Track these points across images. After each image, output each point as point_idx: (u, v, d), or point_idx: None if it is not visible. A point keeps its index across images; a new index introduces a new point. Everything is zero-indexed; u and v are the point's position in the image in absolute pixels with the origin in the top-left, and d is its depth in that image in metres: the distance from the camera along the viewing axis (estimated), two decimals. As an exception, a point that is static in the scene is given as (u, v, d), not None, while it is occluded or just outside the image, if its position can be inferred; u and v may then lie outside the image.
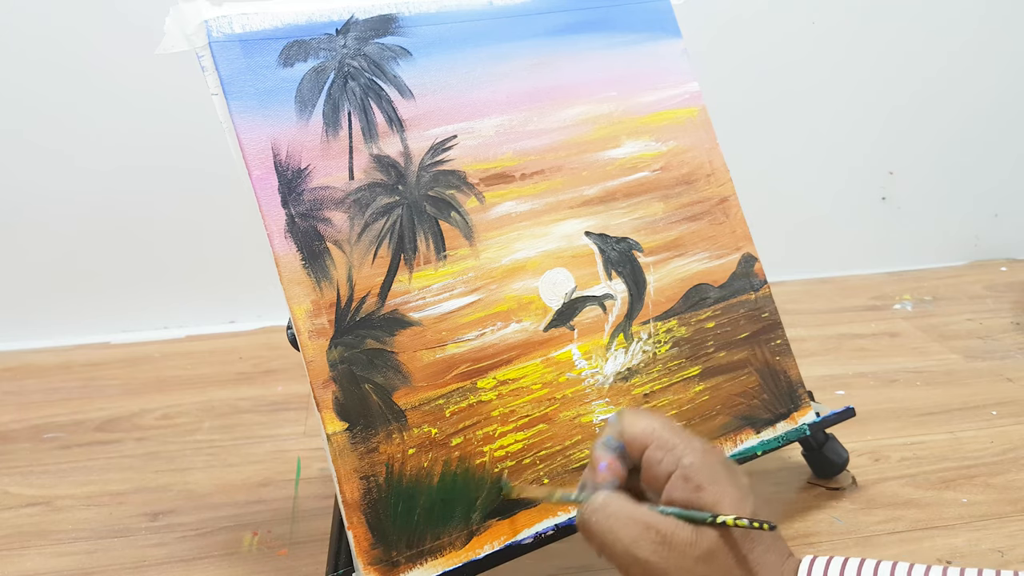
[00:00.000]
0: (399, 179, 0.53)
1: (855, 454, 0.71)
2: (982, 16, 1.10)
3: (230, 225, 0.99)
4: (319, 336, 0.48)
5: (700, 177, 0.64)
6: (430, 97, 0.55)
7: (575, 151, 0.59)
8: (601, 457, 0.45)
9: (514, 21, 0.59)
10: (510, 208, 0.56)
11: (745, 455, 0.59)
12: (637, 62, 0.63)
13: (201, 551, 0.62)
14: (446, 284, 0.53)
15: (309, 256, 0.49)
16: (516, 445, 0.53)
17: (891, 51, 1.10)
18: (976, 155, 1.16)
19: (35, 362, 0.96)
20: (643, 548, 0.41)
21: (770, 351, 0.63)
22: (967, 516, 0.63)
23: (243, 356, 0.96)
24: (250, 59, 0.50)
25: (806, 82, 1.10)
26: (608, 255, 0.59)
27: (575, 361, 0.56)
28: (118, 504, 0.68)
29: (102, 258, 1.00)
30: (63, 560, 0.62)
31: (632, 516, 0.41)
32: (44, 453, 0.77)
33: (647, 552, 0.40)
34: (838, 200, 1.15)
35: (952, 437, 0.74)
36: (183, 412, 0.83)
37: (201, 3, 0.49)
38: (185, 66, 0.56)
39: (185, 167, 0.98)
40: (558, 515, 0.53)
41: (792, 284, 1.11)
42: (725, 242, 0.63)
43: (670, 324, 0.60)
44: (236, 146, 0.49)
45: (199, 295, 1.03)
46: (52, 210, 0.98)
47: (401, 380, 0.50)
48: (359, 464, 0.48)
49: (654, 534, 0.41)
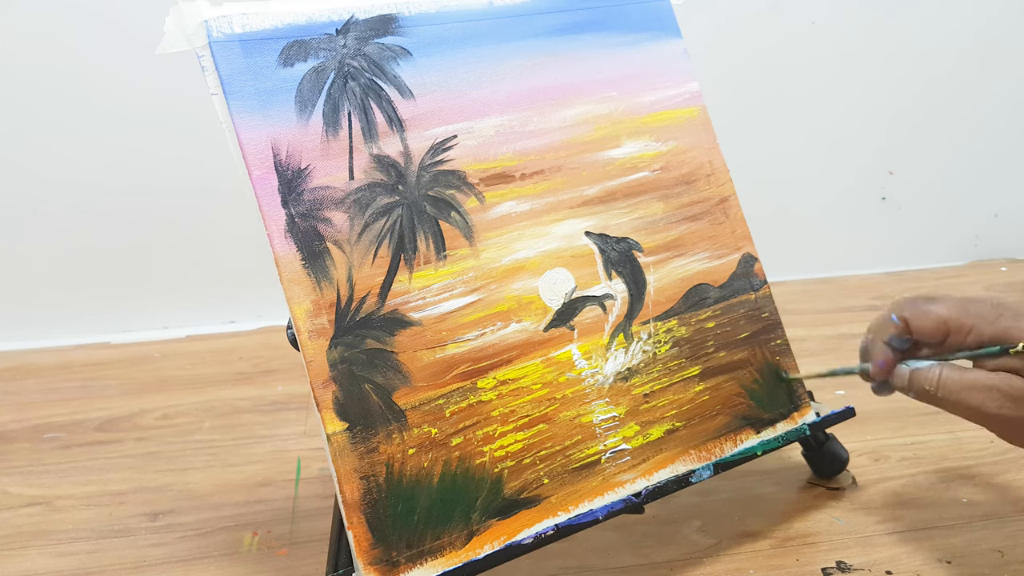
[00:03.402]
0: (399, 179, 0.53)
1: (855, 454, 0.71)
2: (984, 17, 1.10)
3: (230, 225, 0.99)
4: (319, 336, 0.48)
5: (700, 177, 0.64)
6: (430, 97, 0.55)
7: (575, 151, 0.59)
8: (880, 355, 0.52)
9: (514, 21, 0.59)
10: (510, 208, 0.56)
11: (745, 455, 0.59)
12: (637, 62, 0.63)
13: (201, 551, 0.62)
14: (446, 284, 0.53)
15: (309, 256, 0.49)
16: (516, 445, 0.53)
17: (892, 51, 1.10)
18: (976, 155, 1.16)
19: (35, 362, 0.96)
20: (991, 407, 0.47)
21: (770, 351, 0.63)
22: (967, 516, 0.63)
23: (243, 356, 0.96)
24: (250, 59, 0.50)
25: (806, 82, 1.10)
26: (608, 255, 0.59)
27: (575, 361, 0.56)
28: (118, 504, 0.68)
29: (102, 258, 1.00)
30: (63, 560, 0.62)
31: (972, 384, 0.47)
32: (44, 453, 0.77)
33: (995, 408, 0.47)
34: (838, 200, 1.15)
35: (952, 437, 0.74)
36: (183, 412, 0.83)
37: (201, 3, 0.49)
38: (183, 67, 0.56)
39: (184, 167, 0.98)
40: (558, 515, 0.53)
41: (792, 284, 1.11)
42: (725, 242, 0.63)
43: (670, 324, 0.60)
44: (236, 146, 0.49)
45: (199, 295, 1.03)
46: (52, 210, 0.98)
47: (401, 380, 0.50)
48: (359, 464, 0.48)
49: (996, 393, 0.47)
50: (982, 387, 0.47)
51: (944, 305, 0.50)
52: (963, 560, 0.58)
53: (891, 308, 0.52)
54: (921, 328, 0.50)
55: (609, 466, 0.55)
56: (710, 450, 0.59)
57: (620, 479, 0.55)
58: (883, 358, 0.52)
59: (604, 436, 0.56)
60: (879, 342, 0.52)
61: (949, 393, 0.48)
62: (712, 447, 0.59)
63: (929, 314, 0.50)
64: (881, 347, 0.52)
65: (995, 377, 0.47)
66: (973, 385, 0.48)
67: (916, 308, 0.51)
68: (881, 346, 0.52)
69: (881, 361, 0.52)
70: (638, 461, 0.56)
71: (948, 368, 0.49)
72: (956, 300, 0.50)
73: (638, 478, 0.56)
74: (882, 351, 0.52)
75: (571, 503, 0.53)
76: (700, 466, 0.58)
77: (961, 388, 0.48)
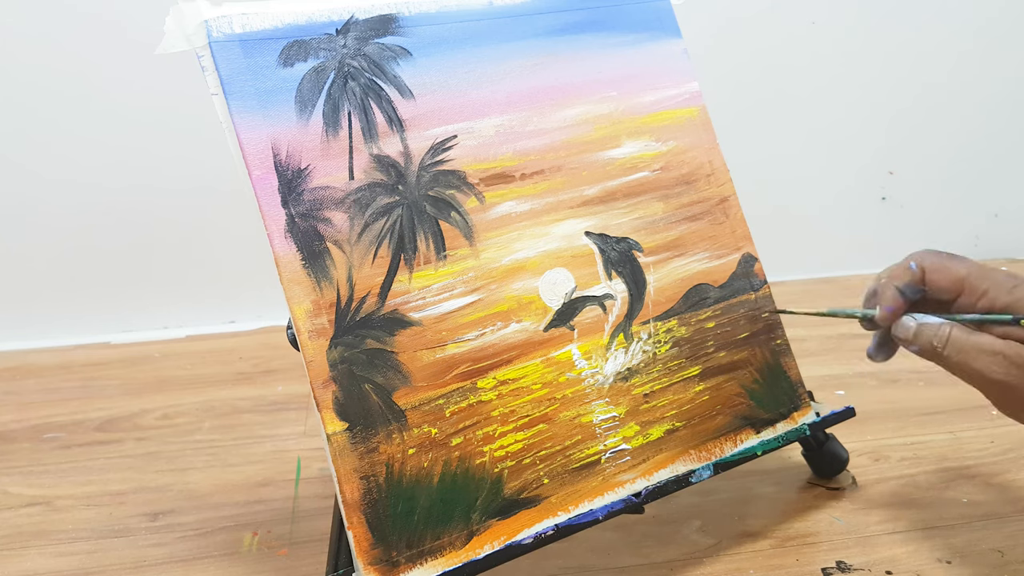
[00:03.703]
0: (399, 179, 0.53)
1: (855, 454, 0.71)
2: (984, 17, 1.11)
3: (230, 225, 0.99)
4: (319, 336, 0.48)
5: (700, 177, 0.64)
6: (430, 97, 0.55)
7: (575, 151, 0.59)
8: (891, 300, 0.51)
9: (514, 21, 0.59)
10: (510, 208, 0.56)
11: (745, 455, 0.59)
12: (637, 62, 0.63)
13: (201, 551, 0.62)
14: (446, 284, 0.53)
15: (309, 256, 0.49)
16: (516, 445, 0.53)
17: (892, 51, 1.10)
18: (976, 155, 1.16)
19: (35, 362, 0.96)
20: (996, 371, 0.47)
21: (770, 351, 0.63)
22: (967, 516, 0.63)
23: (243, 356, 0.96)
24: (250, 59, 0.50)
25: (806, 82, 1.10)
26: (608, 255, 0.59)
27: (575, 361, 0.56)
28: (118, 504, 0.68)
29: (102, 258, 1.00)
30: (63, 560, 0.62)
31: (979, 347, 0.48)
32: (44, 453, 0.77)
33: (1000, 374, 0.47)
34: (838, 200, 1.15)
35: (952, 437, 0.74)
36: (183, 412, 0.83)
37: (201, 3, 0.49)
38: (183, 67, 0.56)
39: (184, 167, 0.98)
40: (558, 515, 0.53)
41: (792, 284, 1.11)
42: (725, 242, 0.63)
43: (670, 324, 0.60)
44: (236, 146, 0.49)
45: (199, 295, 1.03)
46: (52, 210, 0.98)
47: (401, 380, 0.50)
48: (359, 464, 0.48)
49: (1001, 359, 0.47)
50: (989, 351, 0.47)
51: (965, 264, 0.50)
52: (963, 560, 0.58)
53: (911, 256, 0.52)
54: (937, 282, 0.50)
55: (609, 466, 0.55)
56: (710, 450, 0.59)
57: (620, 479, 0.55)
58: (893, 303, 0.51)
59: (604, 436, 0.56)
60: (891, 287, 0.51)
61: (955, 352, 0.48)
62: (712, 447, 0.59)
63: (949, 269, 0.50)
64: (892, 292, 0.51)
65: (1003, 344, 0.47)
66: (980, 348, 0.48)
67: (937, 261, 0.51)
68: (893, 291, 0.51)
69: (890, 307, 0.51)
70: (638, 461, 0.56)
71: (958, 328, 0.49)
72: (976, 263, 0.50)
73: (638, 478, 0.56)
74: (893, 296, 0.51)
75: (571, 503, 0.53)
76: (700, 466, 0.58)
77: (969, 349, 0.48)
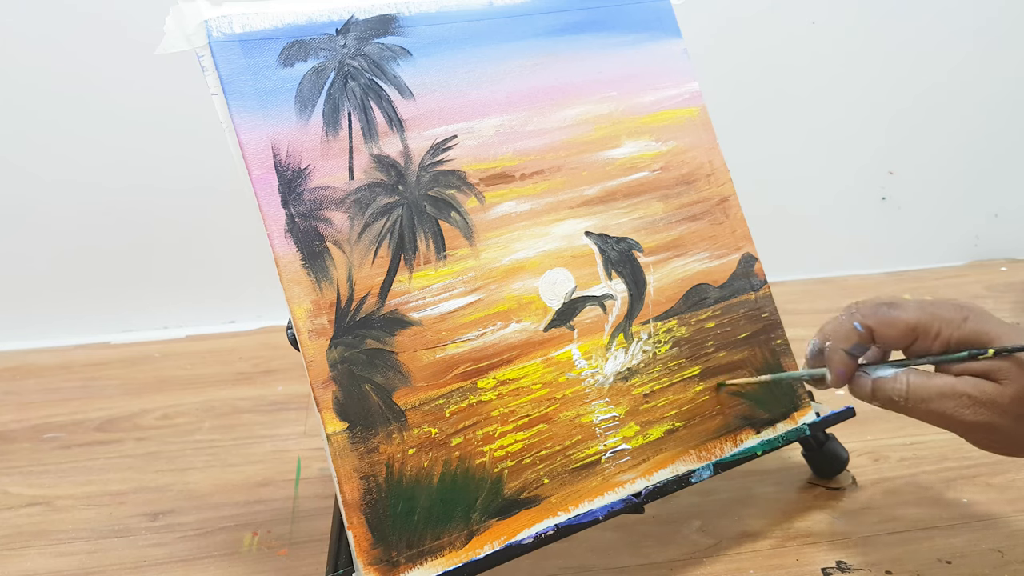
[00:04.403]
0: (399, 179, 0.53)
1: (855, 454, 0.71)
2: (984, 17, 1.10)
3: (230, 225, 0.99)
4: (319, 336, 0.48)
5: (700, 177, 0.64)
6: (430, 97, 0.55)
7: (575, 151, 0.59)
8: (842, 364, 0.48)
9: (514, 21, 0.59)
10: (510, 208, 0.56)
11: (745, 455, 0.59)
12: (637, 62, 0.63)
13: (201, 551, 0.62)
14: (446, 284, 0.53)
15: (309, 256, 0.49)
16: (516, 445, 0.53)
17: (892, 52, 1.10)
18: (976, 155, 1.16)
19: (35, 362, 0.96)
20: (965, 414, 0.45)
21: (770, 351, 0.63)
22: (967, 516, 0.63)
23: (243, 356, 0.96)
24: (250, 59, 0.50)
25: (806, 82, 1.10)
26: (608, 255, 0.59)
27: (575, 361, 0.56)
28: (118, 504, 0.68)
29: (102, 258, 1.00)
30: (63, 560, 0.62)
31: (942, 391, 0.46)
32: (44, 453, 0.77)
33: (968, 415, 0.45)
34: (838, 200, 1.15)
35: (952, 437, 0.73)
36: (183, 412, 0.83)
37: (201, 3, 0.49)
38: (183, 67, 0.56)
39: (184, 167, 0.98)
40: (558, 515, 0.53)
41: (792, 284, 1.11)
42: (725, 242, 0.63)
43: (670, 324, 0.60)
44: (236, 146, 0.49)
45: (199, 295, 1.03)
46: (52, 210, 0.98)
47: (401, 380, 0.50)
48: (359, 464, 0.48)
49: (966, 400, 0.45)
50: (952, 393, 0.45)
51: (910, 311, 0.47)
52: (963, 560, 0.58)
53: (852, 315, 0.48)
54: (887, 336, 0.48)
55: (609, 466, 0.55)
56: (710, 450, 0.59)
57: (620, 479, 0.55)
58: (844, 367, 0.48)
59: (604, 436, 0.56)
60: (839, 350, 0.48)
61: (919, 402, 0.46)
62: (712, 447, 0.59)
63: (897, 321, 0.47)
64: (841, 355, 0.48)
65: (964, 382, 0.45)
66: (943, 393, 0.46)
67: (882, 315, 0.47)
68: (841, 354, 0.48)
69: (842, 370, 0.48)
70: (638, 461, 0.56)
71: (915, 375, 0.46)
72: (918, 304, 0.47)
73: (638, 478, 0.56)
74: (842, 360, 0.48)
75: (571, 503, 0.53)
76: (700, 466, 0.58)
77: (931, 396, 0.46)
